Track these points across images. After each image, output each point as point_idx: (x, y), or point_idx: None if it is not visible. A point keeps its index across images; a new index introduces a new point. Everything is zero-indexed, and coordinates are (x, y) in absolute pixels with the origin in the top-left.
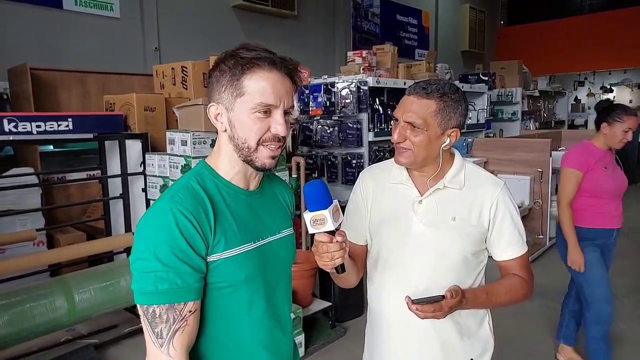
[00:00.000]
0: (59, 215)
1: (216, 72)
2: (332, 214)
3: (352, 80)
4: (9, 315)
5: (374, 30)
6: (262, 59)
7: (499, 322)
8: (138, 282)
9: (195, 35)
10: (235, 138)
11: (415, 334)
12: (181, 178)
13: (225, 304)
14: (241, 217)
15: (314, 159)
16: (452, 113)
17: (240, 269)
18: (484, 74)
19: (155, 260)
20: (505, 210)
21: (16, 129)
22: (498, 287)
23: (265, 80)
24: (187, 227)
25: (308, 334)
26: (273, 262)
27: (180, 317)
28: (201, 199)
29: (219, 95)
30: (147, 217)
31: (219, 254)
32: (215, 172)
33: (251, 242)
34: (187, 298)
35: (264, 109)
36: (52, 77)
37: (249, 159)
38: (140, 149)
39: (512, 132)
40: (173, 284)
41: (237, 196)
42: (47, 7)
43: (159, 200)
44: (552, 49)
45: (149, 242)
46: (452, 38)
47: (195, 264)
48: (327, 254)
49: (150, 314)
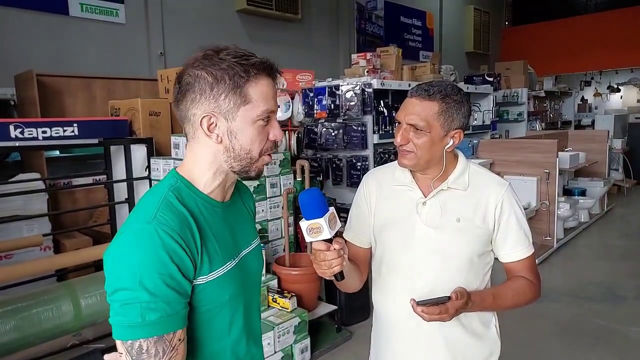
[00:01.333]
0: (65, 221)
1: (206, 78)
2: (328, 222)
3: (356, 82)
4: (15, 321)
5: (378, 33)
6: (262, 64)
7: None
8: (119, 315)
9: (200, 40)
10: (237, 149)
11: (422, 337)
12: (153, 192)
13: (208, 327)
14: (220, 234)
15: (318, 162)
16: (455, 114)
17: (225, 289)
18: (489, 74)
19: (142, 289)
20: (510, 211)
21: (22, 134)
22: (505, 290)
23: (268, 87)
24: (176, 250)
25: (313, 338)
26: (249, 275)
27: (170, 347)
28: (184, 217)
29: (215, 104)
30: (126, 241)
31: (205, 277)
32: (193, 186)
33: (232, 260)
34: (177, 327)
35: (267, 116)
36: (58, 83)
37: (247, 169)
38: (145, 153)
39: (519, 133)
40: (163, 313)
41: (215, 210)
42: (53, 14)
43: (133, 221)
44: (558, 48)
45: (133, 270)
46: (457, 39)
47: (184, 289)
48: (324, 262)
49: (137, 349)
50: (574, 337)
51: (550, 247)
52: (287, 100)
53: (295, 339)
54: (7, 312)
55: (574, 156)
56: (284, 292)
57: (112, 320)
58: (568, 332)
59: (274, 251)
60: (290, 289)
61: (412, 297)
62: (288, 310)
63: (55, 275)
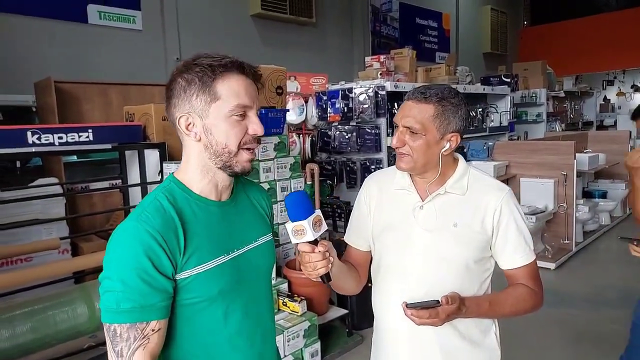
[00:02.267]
0: (83, 224)
1: (180, 83)
2: (311, 224)
3: (369, 85)
4: (32, 322)
5: (393, 35)
6: (231, 63)
7: (520, 330)
8: (102, 301)
9: (215, 45)
10: (214, 145)
11: (417, 343)
12: (150, 194)
13: (199, 319)
14: (213, 230)
15: (332, 165)
16: (451, 117)
17: (213, 283)
18: (506, 75)
19: (118, 280)
20: (509, 217)
21: (39, 140)
22: (503, 297)
23: (237, 83)
24: (153, 247)
25: (324, 342)
26: (250, 271)
27: (141, 335)
28: (170, 217)
29: (189, 104)
30: (115, 237)
31: (189, 271)
32: (185, 186)
33: (223, 255)
34: (150, 317)
35: (241, 111)
36: (76, 90)
37: (228, 164)
38: (158, 158)
39: (537, 134)
40: (135, 304)
41: (208, 209)
42: (73, 22)
43: (127, 218)
44: (578, 48)
45: (113, 262)
46: (474, 40)
47: (160, 284)
48: (309, 263)
49: (112, 332)
50: (591, 344)
51: (569, 251)
52: (301, 104)
53: (305, 342)
54: (24, 314)
55: (593, 157)
56: (294, 295)
57: (100, 304)
58: (584, 338)
59: (285, 255)
60: (300, 292)
61: (404, 301)
62: (298, 313)
63: (73, 277)
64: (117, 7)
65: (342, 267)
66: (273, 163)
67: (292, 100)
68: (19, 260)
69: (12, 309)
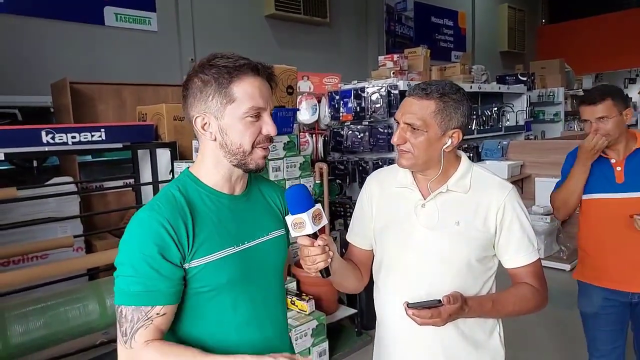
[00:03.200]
0: (97, 222)
1: (196, 83)
2: (311, 217)
3: (382, 84)
4: (45, 318)
5: (408, 34)
6: (246, 65)
7: (534, 331)
8: (116, 284)
9: (229, 45)
10: (229, 144)
11: (419, 342)
12: (165, 186)
13: (209, 308)
14: (223, 222)
15: (345, 165)
16: (453, 113)
17: (222, 273)
18: (522, 74)
19: (129, 266)
20: (513, 215)
21: (53, 140)
22: (506, 296)
23: (252, 86)
24: (162, 236)
25: (333, 342)
26: (260, 264)
27: (145, 317)
28: (181, 207)
29: (205, 105)
30: (129, 226)
31: (198, 260)
32: (198, 180)
33: (232, 247)
34: (156, 302)
35: (255, 113)
36: (91, 90)
37: (243, 162)
38: (169, 157)
39: (555, 133)
40: (143, 288)
41: (220, 201)
42: (90, 24)
43: (141, 209)
44: (598, 46)
45: (126, 249)
46: (491, 39)
47: (167, 271)
48: (308, 257)
49: (119, 313)
50: None
51: None
52: (313, 104)
53: (313, 342)
54: (37, 310)
55: None
56: (302, 294)
57: (114, 287)
58: None
59: (294, 254)
60: (309, 291)
61: (406, 300)
62: (306, 312)
63: (87, 274)
64: (133, 8)
65: (343, 264)
66: (282, 162)
67: (305, 100)
68: (34, 258)
69: (26, 304)
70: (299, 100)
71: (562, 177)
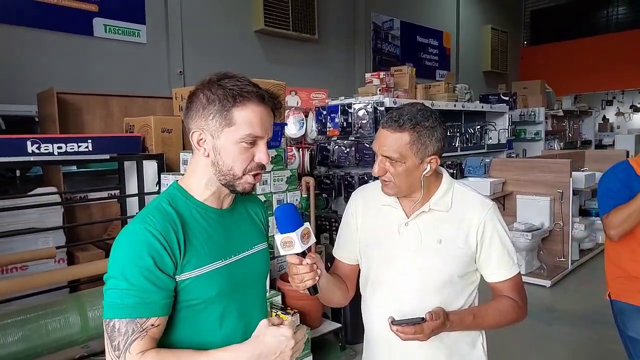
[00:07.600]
0: (81, 234)
1: (201, 99)
2: (299, 237)
3: (368, 101)
4: (24, 331)
5: (394, 52)
6: (253, 92)
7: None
8: (106, 298)
9: (218, 59)
10: (220, 164)
11: (404, 356)
12: (154, 200)
13: (196, 320)
14: (212, 235)
15: (331, 179)
16: (428, 141)
17: (211, 285)
18: (504, 94)
19: (123, 279)
20: (493, 231)
21: (39, 150)
22: (486, 309)
23: (254, 113)
24: (156, 247)
25: (317, 356)
26: (245, 277)
27: (140, 329)
28: (172, 220)
29: (205, 122)
30: (119, 239)
31: (189, 273)
32: (188, 193)
33: (221, 260)
34: (151, 313)
35: (251, 140)
36: (78, 101)
37: (231, 183)
38: (156, 169)
39: (536, 152)
40: (139, 300)
41: (209, 215)
42: (78, 35)
43: (132, 222)
44: (578, 68)
45: (119, 262)
46: (474, 59)
47: (163, 282)
48: (297, 275)
49: (111, 327)
50: None
51: (564, 269)
52: (301, 118)
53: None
54: (15, 323)
55: (590, 176)
56: (287, 308)
57: (103, 301)
58: (579, 357)
59: (279, 267)
60: (294, 305)
61: (390, 315)
62: None
63: (68, 286)
64: (123, 20)
65: (330, 280)
66: (270, 176)
67: (293, 114)
68: (14, 269)
69: (4, 317)
70: (286, 114)
71: (610, 193)
